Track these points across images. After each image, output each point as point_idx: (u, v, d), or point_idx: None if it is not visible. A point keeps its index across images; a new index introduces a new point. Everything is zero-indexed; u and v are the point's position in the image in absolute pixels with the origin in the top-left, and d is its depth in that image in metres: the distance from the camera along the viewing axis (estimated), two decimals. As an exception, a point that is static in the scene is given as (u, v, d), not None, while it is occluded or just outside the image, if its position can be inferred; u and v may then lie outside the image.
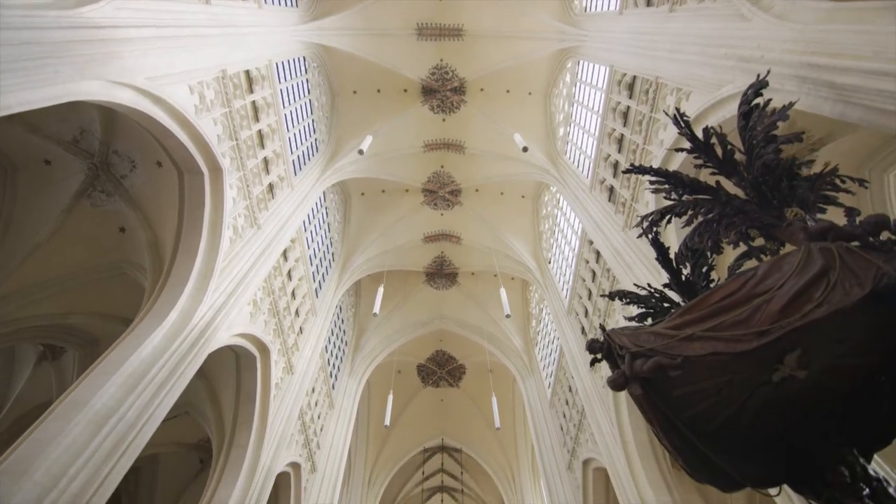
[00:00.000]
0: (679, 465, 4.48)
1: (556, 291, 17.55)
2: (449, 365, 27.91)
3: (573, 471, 15.55)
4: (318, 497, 15.52)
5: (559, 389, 17.42)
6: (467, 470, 30.98)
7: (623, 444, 11.34)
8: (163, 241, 9.67)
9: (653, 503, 9.97)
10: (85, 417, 5.97)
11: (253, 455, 11.08)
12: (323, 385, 17.41)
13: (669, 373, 3.95)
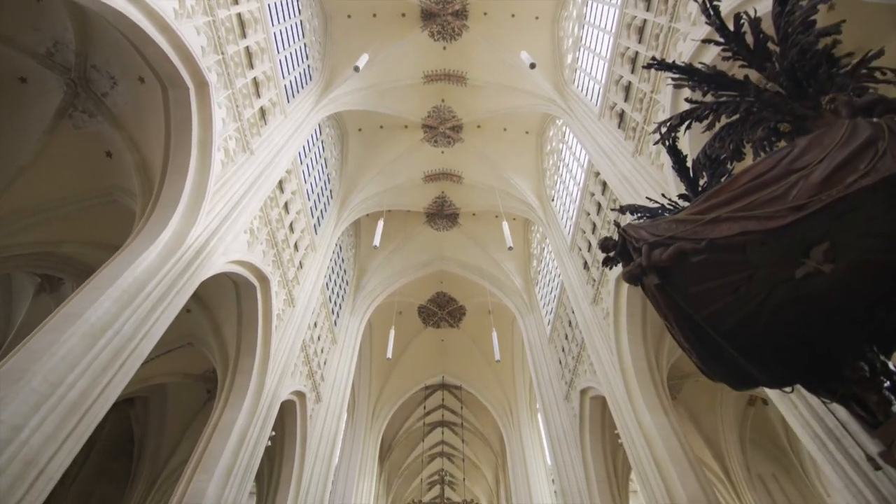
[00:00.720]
0: (693, 361, 4.36)
1: (558, 229, 17.27)
2: (449, 306, 28.20)
3: (570, 401, 15.99)
4: (324, 426, 16.05)
5: (558, 325, 17.59)
6: (467, 405, 32.19)
7: (622, 372, 11.49)
8: (151, 164, 9.25)
9: (650, 425, 10.20)
10: (79, 330, 5.84)
11: (257, 381, 11.25)
12: (325, 321, 17.55)
13: (691, 258, 3.70)
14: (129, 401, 15.35)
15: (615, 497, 13.65)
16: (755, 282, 4.03)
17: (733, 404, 15.00)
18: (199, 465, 9.43)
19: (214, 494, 9.06)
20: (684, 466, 9.40)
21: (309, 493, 14.15)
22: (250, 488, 10.02)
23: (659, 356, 11.71)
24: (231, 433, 9.98)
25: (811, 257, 3.74)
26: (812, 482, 14.47)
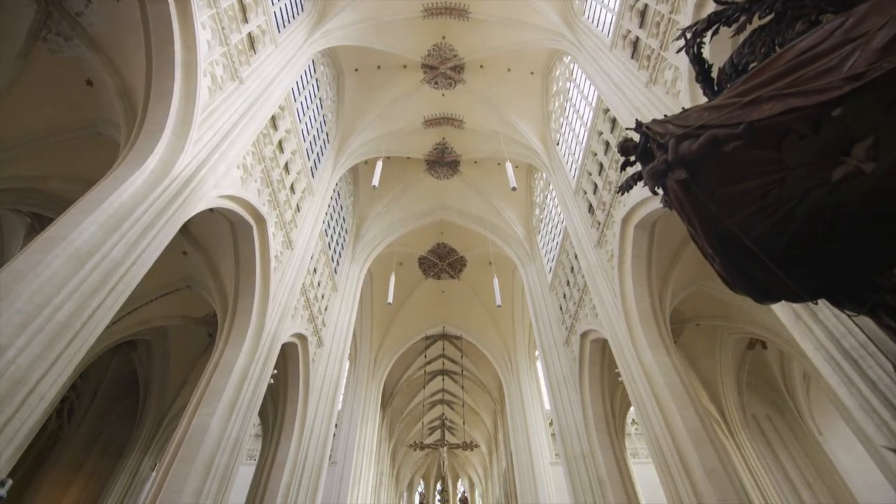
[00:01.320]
0: (716, 270, 4.08)
1: (563, 173, 16.75)
2: (450, 257, 28.05)
3: (570, 345, 16.10)
4: (326, 369, 16.25)
5: (560, 272, 17.44)
6: (467, 355, 32.79)
7: (625, 313, 11.39)
8: (133, 89, 8.68)
9: (651, 363, 10.19)
10: (64, 252, 5.57)
11: (257, 321, 11.17)
12: (325, 268, 17.39)
13: (725, 147, 3.34)
14: (131, 344, 15.43)
15: (612, 436, 13.96)
16: (787, 185, 3.69)
17: (732, 349, 15.09)
18: (202, 400, 9.48)
19: (218, 427, 9.14)
20: (684, 401, 9.45)
21: (313, 432, 14.49)
22: (254, 424, 10.13)
23: (662, 297, 11.57)
24: (232, 371, 9.99)
25: (852, 155, 3.38)
26: (805, 422, 14.80)
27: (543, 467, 23.08)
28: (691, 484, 8.44)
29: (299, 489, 13.15)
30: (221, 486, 8.69)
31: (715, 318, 14.01)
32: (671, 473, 8.87)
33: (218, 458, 8.85)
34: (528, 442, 23.97)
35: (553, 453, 23.99)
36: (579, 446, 13.99)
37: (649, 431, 9.69)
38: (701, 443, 8.76)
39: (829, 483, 13.49)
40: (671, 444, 9.05)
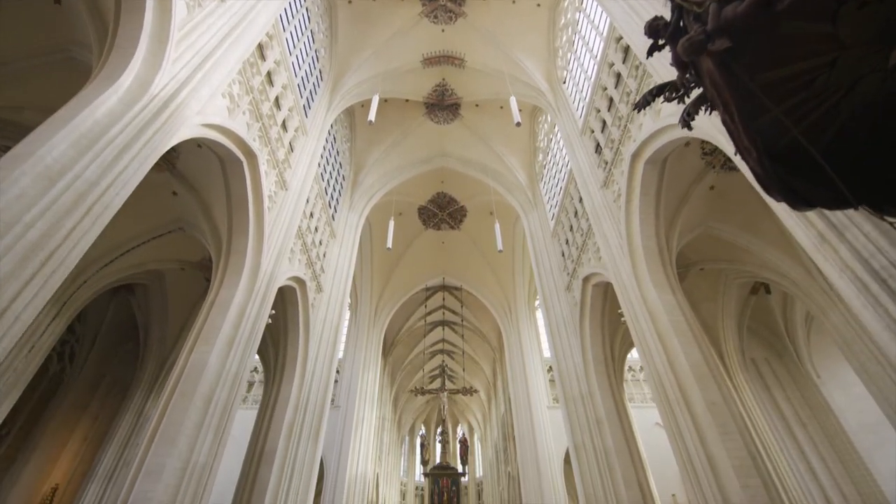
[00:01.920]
0: (750, 167, 3.65)
1: (569, 113, 15.96)
2: (450, 207, 27.55)
3: (571, 290, 15.95)
4: (326, 314, 16.20)
5: (563, 218, 17.03)
6: (467, 305, 33.03)
7: (630, 253, 11.09)
8: (104, 6, 7.90)
9: (656, 302, 9.99)
10: (33, 170, 5.14)
11: (253, 260, 10.89)
12: (322, 213, 16.96)
13: (776, 6, 2.85)
14: (128, 288, 15.27)
15: (611, 378, 14.07)
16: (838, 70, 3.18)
17: (735, 294, 14.93)
18: (199, 337, 9.35)
19: (217, 364, 9.05)
20: (688, 339, 9.32)
21: (315, 374, 14.61)
22: (254, 363, 10.06)
23: (669, 237, 11.23)
24: (229, 309, 9.80)
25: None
26: (804, 365, 14.90)
27: (541, 411, 23.70)
28: (692, 417, 8.44)
29: (302, 427, 13.39)
30: (222, 420, 8.70)
31: (720, 262, 13.74)
32: (672, 408, 8.86)
33: (217, 392, 8.81)
34: (527, 387, 24.49)
35: (551, 398, 24.59)
36: (578, 388, 14.14)
37: (651, 369, 9.63)
38: (703, 378, 8.69)
39: (824, 423, 13.73)
40: (673, 380, 8.99)
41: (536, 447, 22.24)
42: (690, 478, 8.11)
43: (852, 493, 12.44)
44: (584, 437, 13.20)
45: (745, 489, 7.30)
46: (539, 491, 21.04)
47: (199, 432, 8.24)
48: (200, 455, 8.09)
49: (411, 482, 43.51)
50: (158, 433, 7.96)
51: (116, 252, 12.36)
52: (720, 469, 7.73)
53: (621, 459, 12.29)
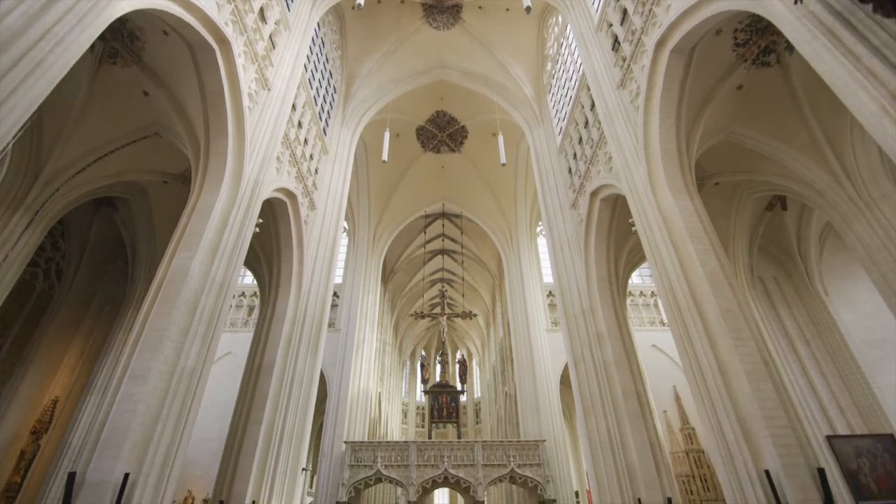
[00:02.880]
0: None
1: (584, 7, 14.23)
2: (450, 127, 26.02)
3: (577, 208, 15.19)
4: (321, 232, 15.58)
5: (571, 131, 15.85)
6: (467, 233, 32.48)
7: (647, 157, 10.19)
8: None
9: (672, 208, 9.26)
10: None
11: (234, 164, 10.01)
12: (312, 125, 15.73)
13: None
14: (111, 204, 14.50)
15: (614, 295, 13.72)
16: None
17: (750, 210, 14.18)
18: (180, 243, 8.72)
19: (200, 270, 8.50)
20: (704, 246, 8.69)
21: (311, 291, 14.26)
22: (241, 269, 9.52)
23: (690, 140, 10.26)
24: (211, 215, 9.09)
25: None
26: (813, 283, 14.52)
27: (539, 333, 23.92)
28: (704, 324, 8.02)
29: (300, 341, 13.24)
30: (209, 328, 8.30)
31: (738, 173, 12.83)
32: (683, 316, 8.44)
33: (203, 299, 8.34)
34: (526, 312, 24.56)
35: (549, 321, 24.74)
36: (580, 305, 13.83)
37: (662, 279, 9.11)
38: (719, 285, 8.17)
39: (828, 340, 13.58)
40: (686, 288, 8.49)
41: (534, 367, 22.68)
42: (699, 384, 7.84)
43: (849, 405, 12.52)
44: (583, 350, 13.09)
45: (756, 392, 7.01)
46: (535, 407, 21.72)
47: (186, 338, 7.86)
48: (188, 360, 7.76)
49: (412, 402, 45.61)
50: (142, 338, 7.56)
51: (89, 158, 11.41)
52: (731, 374, 7.41)
53: (621, 372, 12.23)
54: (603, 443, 11.67)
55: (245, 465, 10.94)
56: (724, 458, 7.11)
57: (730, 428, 7.12)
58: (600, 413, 12.06)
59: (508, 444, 20.03)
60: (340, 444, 20.22)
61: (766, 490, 6.45)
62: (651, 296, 26.14)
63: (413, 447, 19.65)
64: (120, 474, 6.36)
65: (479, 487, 18.43)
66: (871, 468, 11.58)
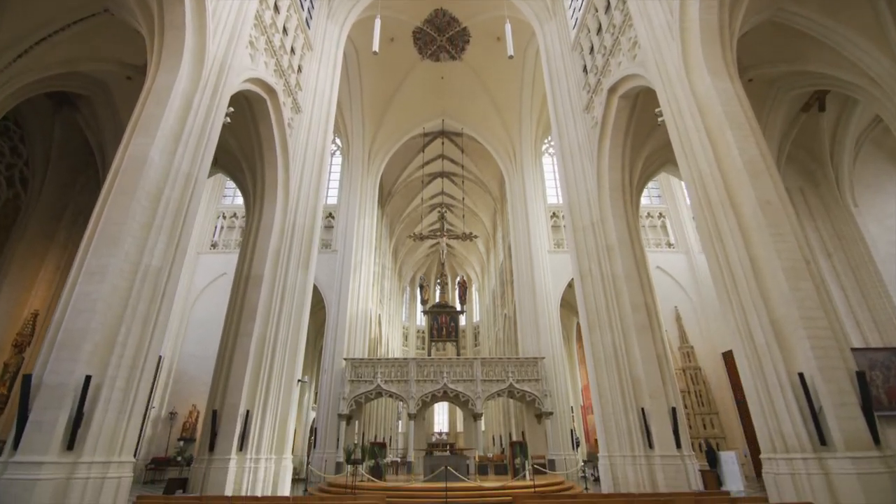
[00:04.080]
0: None
1: None
2: (450, 29, 23.46)
3: (591, 110, 13.69)
4: (308, 138, 14.19)
5: (588, 20, 13.88)
6: (468, 154, 30.78)
7: (681, 31, 8.65)
8: None
9: (709, 91, 7.93)
10: None
11: (195, 41, 8.51)
12: (292, 13, 13.73)
13: None
14: (72, 105, 13.01)
15: (626, 204, 12.69)
16: None
17: (784, 110, 12.72)
18: (136, 128, 7.52)
19: (161, 160, 7.37)
20: (744, 132, 7.50)
21: (300, 201, 13.21)
22: (209, 162, 8.38)
23: (734, 12, 8.65)
24: (170, 98, 7.78)
25: None
26: (843, 196, 13.46)
27: (541, 255, 23.27)
28: (737, 218, 7.06)
29: (290, 254, 12.43)
30: (176, 224, 7.34)
31: (779, 64, 11.25)
32: (713, 212, 7.46)
33: (167, 192, 7.30)
34: (528, 233, 23.73)
35: (552, 243, 23.99)
36: (589, 216, 12.85)
37: (692, 170, 8.00)
38: (758, 175, 7.10)
39: (851, 253, 12.79)
40: (719, 179, 7.43)
41: (534, 287, 22.27)
42: (726, 285, 7.03)
43: (867, 319, 12.01)
44: (591, 265, 12.32)
45: (794, 292, 6.20)
46: (535, 327, 21.59)
47: (149, 234, 6.93)
48: (153, 258, 6.88)
49: (413, 326, 46.44)
50: (98, 232, 6.63)
51: (30, 39, 9.81)
52: (766, 273, 6.57)
53: (630, 284, 11.53)
54: (608, 356, 11.24)
55: (237, 376, 10.57)
56: (750, 361, 6.47)
57: (760, 330, 6.40)
58: (606, 327, 11.52)
59: (507, 361, 20.09)
60: (340, 361, 20.31)
61: (798, 394, 5.84)
62: (658, 217, 25.20)
63: (413, 363, 19.70)
64: (80, 377, 5.71)
65: (478, 401, 18.67)
66: (883, 380, 11.31)
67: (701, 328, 22.07)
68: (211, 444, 9.90)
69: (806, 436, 5.69)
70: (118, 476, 5.79)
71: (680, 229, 24.54)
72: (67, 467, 5.42)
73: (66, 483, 5.35)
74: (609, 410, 10.89)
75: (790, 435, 5.83)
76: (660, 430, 10.04)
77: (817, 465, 5.52)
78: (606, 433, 10.76)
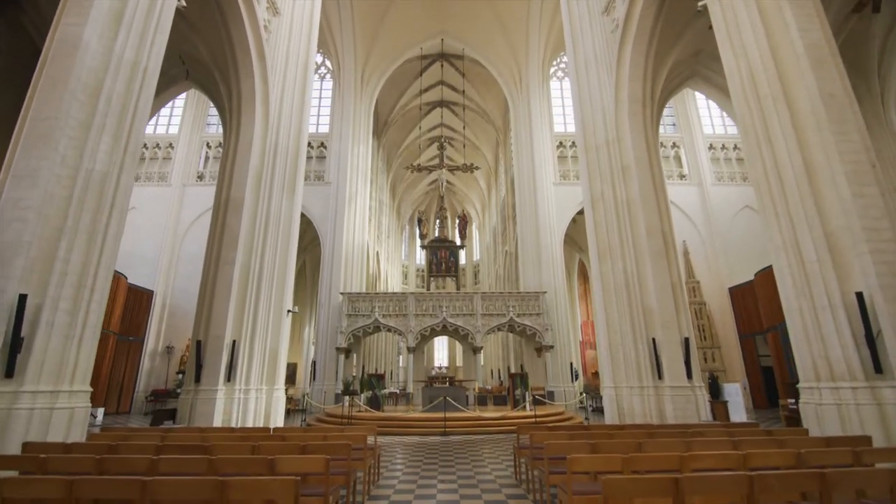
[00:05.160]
0: None
1: None
2: (450, -72, 20.68)
3: (611, 11, 11.99)
4: (289, 47, 12.56)
5: None
6: (469, 79, 28.57)
7: None
8: None
9: (765, -41, 6.43)
10: None
11: None
12: None
13: None
14: (16, 4, 11.32)
15: (646, 120, 11.38)
16: None
17: (833, 11, 11.03)
18: (65, 7, 6.15)
19: (99, 45, 6.08)
20: (807, 11, 6.16)
21: (282, 117, 11.89)
22: (161, 51, 7.04)
23: None
24: (106, -32, 6.31)
25: None
26: (887, 113, 12.09)
27: (546, 187, 22.10)
28: (791, 116, 5.91)
29: (273, 177, 11.32)
30: (122, 122, 6.19)
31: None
32: (763, 109, 6.28)
33: (108, 84, 6.08)
34: (533, 163, 22.40)
35: (558, 174, 22.73)
36: (604, 133, 11.58)
37: (738, 60, 6.71)
38: (822, 63, 5.87)
39: (890, 177, 11.64)
40: (772, 70, 6.18)
41: (538, 221, 21.33)
42: (772, 193, 6.01)
43: None
44: (604, 187, 11.24)
45: (857, 199, 5.23)
46: (537, 261, 20.89)
47: (89, 134, 5.80)
48: (96, 162, 5.80)
49: (412, 265, 46.06)
50: (27, 130, 5.53)
51: None
52: (822, 178, 5.54)
53: (646, 208, 10.53)
54: (618, 285, 10.48)
55: (220, 306, 9.88)
56: (796, 280, 5.61)
57: (811, 245, 5.49)
58: (618, 254, 10.67)
59: (508, 295, 19.57)
60: (337, 296, 19.82)
61: (853, 316, 5.03)
62: (672, 147, 23.74)
63: (411, 297, 19.20)
64: (13, 295, 4.86)
65: (478, 335, 18.35)
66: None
67: (709, 263, 21.39)
68: (197, 376, 9.40)
69: (858, 362, 4.95)
70: (70, 406, 5.12)
71: (694, 160, 23.17)
72: (7, 397, 4.72)
73: (7, 413, 4.67)
74: (617, 342, 10.30)
75: (838, 361, 5.09)
76: (671, 361, 9.49)
77: (869, 395, 4.82)
78: (613, 364, 10.25)
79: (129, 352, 18.83)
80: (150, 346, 19.93)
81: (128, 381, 18.71)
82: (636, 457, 3.23)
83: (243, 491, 2.61)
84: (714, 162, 23.24)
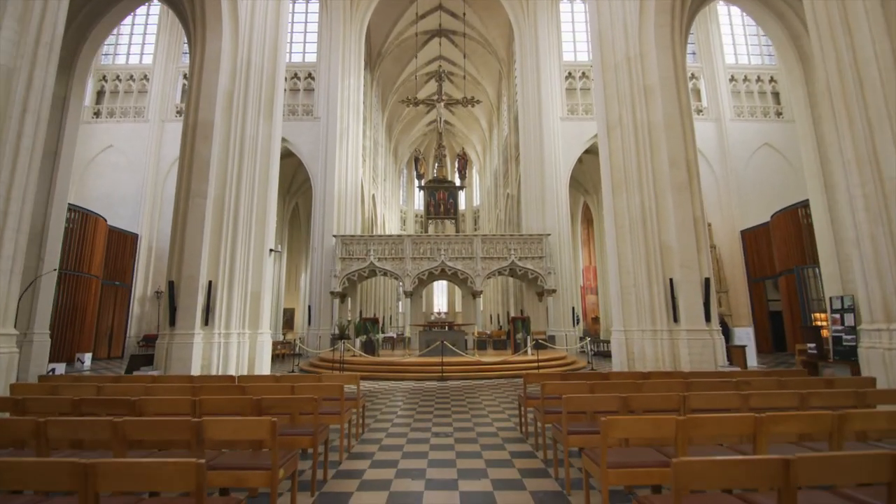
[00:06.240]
0: None
1: None
2: None
3: None
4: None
5: None
6: (470, 3, 26.03)
7: None
8: None
9: None
10: None
11: None
12: None
13: None
14: None
15: (674, 35, 9.86)
16: None
17: None
18: None
19: None
20: None
21: (254, 32, 10.34)
22: None
23: None
24: None
25: None
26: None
27: (552, 122, 20.51)
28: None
29: (247, 99, 9.98)
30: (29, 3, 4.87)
31: None
32: None
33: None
34: (539, 96, 20.63)
35: (566, 109, 21.04)
36: (624, 49, 10.09)
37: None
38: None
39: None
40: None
41: (543, 159, 19.95)
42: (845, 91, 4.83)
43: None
44: (622, 111, 9.93)
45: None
46: (541, 202, 19.75)
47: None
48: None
49: (411, 210, 44.84)
50: None
51: None
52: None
53: (670, 135, 9.30)
54: (634, 221, 9.47)
55: (193, 244, 8.93)
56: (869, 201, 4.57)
57: (894, 157, 4.39)
58: (635, 187, 9.56)
59: (510, 238, 18.63)
60: (331, 239, 18.89)
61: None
62: (690, 78, 21.80)
63: (408, 240, 18.27)
64: None
65: (478, 279, 17.60)
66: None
67: (721, 204, 20.27)
68: (172, 319, 8.62)
69: (947, 299, 4.04)
70: (-15, 351, 4.27)
71: (714, 93, 21.39)
72: None
73: None
74: (629, 283, 9.45)
75: (920, 299, 4.18)
76: (689, 303, 8.68)
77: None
78: (624, 306, 9.46)
79: (117, 297, 18.17)
80: (138, 291, 19.24)
81: (118, 326, 18.20)
82: (695, 419, 2.35)
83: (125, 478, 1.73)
84: (734, 95, 21.47)
